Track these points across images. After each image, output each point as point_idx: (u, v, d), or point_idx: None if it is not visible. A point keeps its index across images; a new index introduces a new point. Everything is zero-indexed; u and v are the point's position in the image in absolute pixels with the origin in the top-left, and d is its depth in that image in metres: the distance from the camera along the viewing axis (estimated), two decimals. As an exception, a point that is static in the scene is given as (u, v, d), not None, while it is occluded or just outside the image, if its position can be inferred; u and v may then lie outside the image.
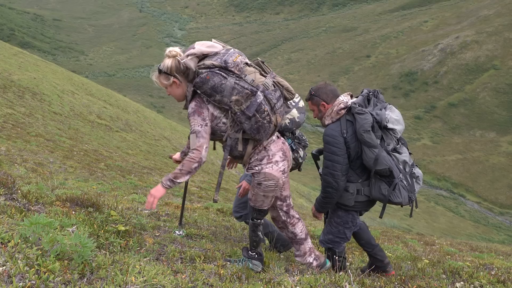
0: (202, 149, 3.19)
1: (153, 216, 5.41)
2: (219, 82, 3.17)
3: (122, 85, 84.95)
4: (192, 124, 3.24)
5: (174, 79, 3.32)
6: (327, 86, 3.86)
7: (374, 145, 3.55)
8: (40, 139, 14.54)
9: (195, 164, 3.19)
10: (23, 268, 2.24)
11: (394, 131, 3.70)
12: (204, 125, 3.23)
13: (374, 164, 3.55)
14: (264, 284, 2.99)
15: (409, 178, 3.74)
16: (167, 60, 3.29)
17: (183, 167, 3.19)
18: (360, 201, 3.77)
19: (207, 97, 3.26)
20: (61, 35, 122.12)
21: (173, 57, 3.28)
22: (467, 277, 4.31)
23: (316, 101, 3.83)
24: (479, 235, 43.21)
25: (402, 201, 3.65)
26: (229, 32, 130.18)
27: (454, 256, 6.82)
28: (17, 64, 27.59)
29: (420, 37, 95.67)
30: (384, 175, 3.63)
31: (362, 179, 3.74)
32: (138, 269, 2.71)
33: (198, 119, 3.23)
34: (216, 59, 3.22)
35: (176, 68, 3.28)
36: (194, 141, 3.20)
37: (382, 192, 3.64)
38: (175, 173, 3.20)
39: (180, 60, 3.26)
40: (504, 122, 68.42)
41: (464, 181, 58.61)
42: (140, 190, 9.54)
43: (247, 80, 3.24)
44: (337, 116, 3.71)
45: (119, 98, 36.99)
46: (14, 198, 3.83)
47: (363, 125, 3.55)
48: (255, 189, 3.53)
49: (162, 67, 3.31)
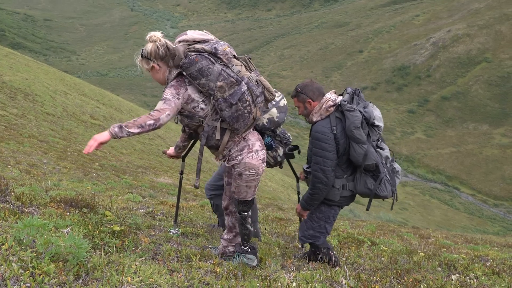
0: (164, 112, 3.15)
1: (148, 216, 5.40)
2: (206, 66, 3.23)
3: (115, 85, 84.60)
4: (165, 94, 3.24)
5: (153, 64, 3.35)
6: (313, 84, 3.97)
7: (364, 141, 3.68)
8: (33, 140, 14.46)
9: (151, 121, 3.10)
10: (17, 271, 2.22)
11: (379, 128, 3.86)
12: (176, 98, 3.23)
13: (363, 160, 3.69)
14: (261, 281, 2.99)
15: (391, 172, 3.92)
16: (148, 45, 3.32)
17: (138, 119, 3.11)
18: (345, 196, 3.92)
19: (191, 80, 3.29)
20: (52, 35, 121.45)
21: (153, 42, 3.30)
22: (463, 269, 4.34)
23: (302, 98, 3.94)
24: (474, 227, 43.48)
25: (387, 194, 3.82)
26: (221, 29, 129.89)
27: (450, 248, 6.86)
28: (8, 65, 27.40)
29: (412, 31, 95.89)
30: (370, 170, 3.78)
31: (347, 175, 3.88)
32: (134, 269, 2.70)
33: (172, 91, 3.25)
34: (207, 45, 3.29)
35: (155, 53, 3.30)
36: (160, 104, 3.18)
37: (368, 186, 3.79)
38: (127, 122, 3.11)
39: (160, 45, 3.28)
40: (496, 114, 68.78)
41: (458, 174, 58.94)
42: (135, 190, 9.51)
43: (233, 69, 3.30)
44: (326, 113, 3.82)
45: (112, 98, 36.85)
46: (7, 200, 3.81)
47: (354, 121, 3.67)
48: (237, 181, 3.56)
49: (143, 52, 3.35)
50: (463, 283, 3.62)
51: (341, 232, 6.73)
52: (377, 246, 5.92)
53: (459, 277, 3.95)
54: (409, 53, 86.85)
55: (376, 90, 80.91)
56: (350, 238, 6.15)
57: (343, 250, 5.26)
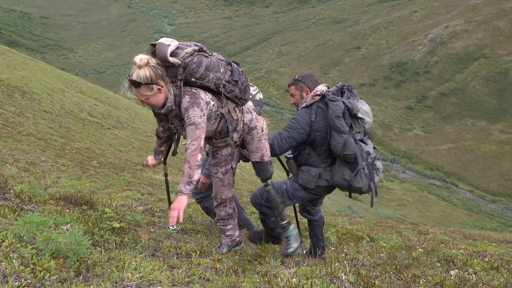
0: (201, 139, 3.19)
1: (147, 213, 5.40)
2: (209, 62, 3.29)
3: (112, 82, 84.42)
4: (192, 116, 3.18)
5: (157, 87, 3.17)
6: (312, 76, 4.16)
7: (344, 131, 3.76)
8: (31, 138, 14.44)
9: (199, 155, 3.17)
10: (18, 268, 2.23)
11: (363, 120, 3.93)
12: (203, 115, 3.23)
13: (342, 149, 3.75)
14: (261, 276, 3.00)
15: (370, 168, 3.96)
16: (142, 71, 3.10)
17: (190, 163, 3.15)
18: (321, 186, 3.98)
19: (199, 83, 3.32)
20: (49, 32, 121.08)
21: (146, 65, 3.11)
22: (461, 265, 4.35)
23: (300, 87, 4.08)
24: (472, 223, 43.60)
25: (363, 187, 3.85)
26: (218, 26, 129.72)
27: (448, 244, 6.88)
28: (5, 63, 27.33)
29: (410, 27, 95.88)
30: (348, 161, 3.83)
31: (325, 165, 3.96)
32: (134, 265, 2.70)
33: (197, 110, 3.21)
34: (189, 46, 3.33)
35: (156, 75, 3.14)
36: (194, 132, 3.17)
37: (345, 177, 3.84)
38: (186, 173, 3.15)
39: (155, 65, 3.14)
40: (494, 110, 68.88)
41: (456, 170, 59.05)
42: (134, 187, 9.51)
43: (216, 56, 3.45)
44: (311, 101, 3.95)
45: (110, 95, 36.78)
46: (6, 197, 3.81)
47: (335, 110, 3.77)
48: (262, 139, 3.80)
49: (141, 80, 3.10)
50: (462, 278, 3.63)
51: (340, 228, 6.75)
52: (376, 242, 5.93)
53: (458, 272, 3.96)
54: (407, 49, 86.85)
55: (374, 86, 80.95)
56: (349, 234, 6.17)
57: (342, 246, 5.27)
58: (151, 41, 16.19)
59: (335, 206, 22.75)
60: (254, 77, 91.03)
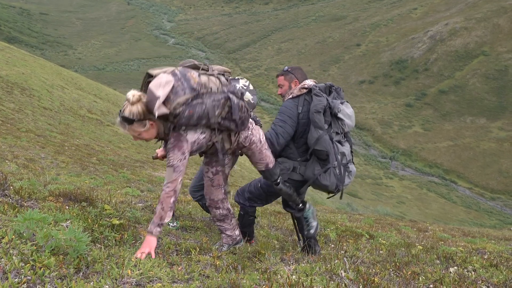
0: (177, 182, 3.19)
1: (147, 209, 5.40)
2: (201, 110, 3.15)
3: (112, 79, 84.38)
4: (171, 159, 3.18)
5: (150, 122, 3.17)
6: (301, 69, 4.22)
7: (320, 126, 3.81)
8: (30, 135, 14.43)
9: (172, 198, 3.19)
10: (18, 264, 2.23)
11: (343, 122, 3.97)
12: (183, 159, 3.21)
13: (315, 143, 3.80)
14: (260, 273, 3.00)
15: (342, 169, 3.96)
16: (135, 107, 3.07)
17: (163, 205, 3.17)
18: (294, 179, 4.01)
19: (191, 127, 3.23)
20: (48, 29, 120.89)
21: (138, 101, 3.08)
22: (461, 262, 4.36)
23: (289, 78, 4.13)
24: (471, 220, 43.68)
25: (329, 185, 3.88)
26: (218, 23, 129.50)
27: (447, 241, 6.89)
28: (4, 60, 27.29)
29: (409, 25, 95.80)
30: (321, 158, 3.86)
31: (301, 159, 3.99)
32: (133, 262, 2.71)
33: (178, 154, 3.19)
34: (184, 92, 3.11)
35: (147, 111, 3.12)
36: (171, 175, 3.18)
37: (314, 172, 3.88)
38: (158, 215, 3.17)
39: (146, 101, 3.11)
40: (494, 108, 68.91)
41: (455, 168, 59.12)
42: (133, 184, 9.51)
43: (214, 91, 3.27)
44: (298, 93, 4.01)
45: (109, 92, 36.76)
46: (6, 194, 3.81)
47: (317, 105, 3.83)
48: (262, 150, 3.77)
49: (134, 116, 3.08)
50: (461, 275, 3.63)
51: (340, 226, 6.75)
52: (375, 239, 5.94)
53: (457, 269, 3.97)
54: (407, 47, 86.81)
55: (373, 83, 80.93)
56: (349, 232, 6.17)
57: (342, 243, 5.27)
58: (150, 38, 16.20)
59: (334, 203, 22.77)
60: (254, 74, 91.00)
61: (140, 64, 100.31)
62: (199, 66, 3.39)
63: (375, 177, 53.28)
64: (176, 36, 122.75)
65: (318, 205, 15.15)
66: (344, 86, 79.53)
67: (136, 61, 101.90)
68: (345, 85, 79.97)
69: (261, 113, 67.99)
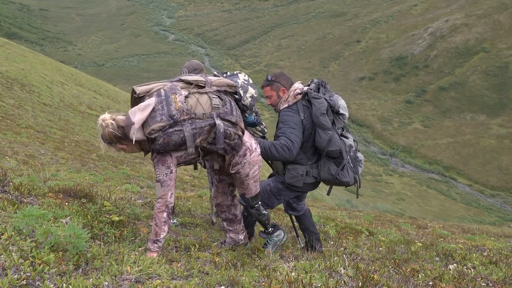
0: (167, 196, 3.19)
1: (146, 206, 5.40)
2: (178, 138, 3.07)
3: (111, 75, 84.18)
4: (158, 174, 3.20)
5: (121, 146, 3.23)
6: (284, 74, 4.12)
7: (329, 127, 3.82)
8: (30, 131, 14.42)
9: (165, 212, 3.19)
10: (17, 260, 2.23)
11: (344, 116, 4.00)
12: (169, 173, 3.20)
13: (327, 145, 3.80)
14: (260, 270, 3.00)
15: (354, 161, 4.04)
16: (106, 131, 3.15)
17: (156, 221, 3.19)
18: (308, 183, 4.01)
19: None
20: (48, 25, 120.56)
21: (106, 127, 3.14)
22: (460, 259, 4.36)
23: (276, 87, 4.03)
24: (471, 217, 43.70)
25: (350, 180, 3.94)
26: (218, 19, 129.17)
27: (447, 238, 6.90)
28: (4, 55, 27.24)
29: (410, 21, 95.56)
30: (333, 157, 3.89)
31: (311, 161, 3.98)
32: (133, 258, 2.71)
33: (163, 168, 3.18)
34: (161, 119, 3.02)
35: (115, 137, 3.16)
36: (160, 190, 3.19)
37: (331, 172, 3.89)
38: (153, 231, 3.19)
39: (113, 128, 3.13)
40: (494, 104, 68.81)
41: (455, 164, 59.07)
42: (133, 180, 9.51)
43: (199, 116, 3.13)
44: (293, 100, 3.96)
45: (109, 88, 36.71)
46: (6, 190, 3.81)
47: (320, 108, 3.81)
48: (245, 182, 3.62)
49: (107, 140, 3.19)
50: (461, 272, 3.64)
51: (339, 222, 6.76)
52: (375, 236, 5.94)
53: (456, 266, 3.97)
54: (407, 43, 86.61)
55: (373, 80, 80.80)
56: (348, 228, 6.17)
57: (341, 240, 5.28)
58: (150, 34, 16.23)
59: (334, 200, 22.78)
60: (254, 70, 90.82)
61: (140, 60, 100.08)
62: (192, 82, 3.24)
63: (374, 174, 53.29)
64: (176, 32, 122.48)
65: (317, 201, 15.16)
66: (344, 82, 79.57)
67: (136, 57, 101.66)
68: (345, 82, 79.90)
69: (261, 109, 67.89)
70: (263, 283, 2.51)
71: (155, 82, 3.23)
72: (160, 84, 3.21)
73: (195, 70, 4.40)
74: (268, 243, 3.99)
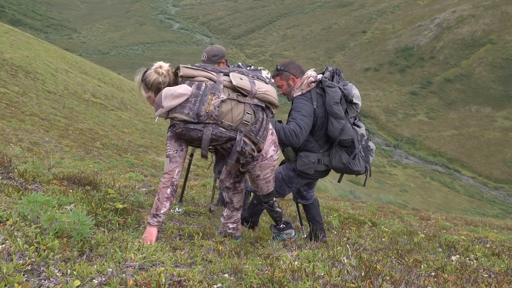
0: (174, 173, 3.15)
1: (150, 194, 5.42)
2: (196, 136, 3.05)
3: (116, 63, 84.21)
4: (168, 149, 3.19)
5: (152, 96, 3.26)
6: (294, 62, 4.10)
7: (342, 116, 3.80)
8: (35, 118, 14.46)
9: (169, 188, 3.16)
10: (22, 246, 2.24)
11: (357, 105, 3.99)
12: (180, 150, 3.18)
13: (340, 134, 3.80)
14: (263, 259, 3.01)
15: (365, 150, 4.04)
16: (153, 76, 3.22)
17: (159, 195, 3.17)
18: (319, 171, 4.02)
19: None
20: (53, 12, 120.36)
21: (158, 74, 3.21)
22: (463, 250, 4.36)
23: (285, 76, 4.01)
24: (474, 210, 43.72)
25: (361, 169, 3.94)
26: (223, 8, 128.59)
27: (450, 230, 6.90)
28: (8, 42, 27.23)
29: (416, 12, 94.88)
30: (345, 146, 3.88)
31: (323, 150, 3.98)
32: (137, 246, 2.72)
33: (175, 145, 3.17)
34: (188, 113, 2.99)
35: (156, 87, 3.20)
36: (167, 165, 3.18)
37: (343, 161, 3.89)
38: (154, 205, 3.18)
39: (161, 81, 3.18)
40: (499, 97, 68.46)
41: (459, 157, 58.97)
42: (137, 168, 9.54)
43: (224, 126, 3.07)
44: (307, 88, 3.93)
45: (113, 77, 36.70)
46: (10, 177, 3.82)
47: (334, 97, 3.79)
48: (255, 182, 3.59)
49: (146, 82, 3.26)
50: (463, 264, 3.64)
51: (342, 213, 6.77)
52: (377, 227, 5.95)
53: (459, 258, 3.98)
54: (413, 34, 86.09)
55: (379, 71, 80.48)
56: (351, 219, 6.18)
57: (344, 230, 5.29)
58: (155, 22, 16.20)
59: (337, 191, 22.80)
60: (259, 60, 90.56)
61: (145, 48, 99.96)
62: (237, 88, 3.13)
63: (378, 165, 53.24)
64: (180, 21, 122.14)
65: (321, 192, 15.18)
66: (349, 73, 79.20)
67: (141, 46, 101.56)
68: (350, 72, 79.55)
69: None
70: (266, 272, 2.51)
71: (203, 70, 3.16)
72: (207, 75, 3.14)
73: (214, 57, 4.32)
74: (276, 238, 3.98)
